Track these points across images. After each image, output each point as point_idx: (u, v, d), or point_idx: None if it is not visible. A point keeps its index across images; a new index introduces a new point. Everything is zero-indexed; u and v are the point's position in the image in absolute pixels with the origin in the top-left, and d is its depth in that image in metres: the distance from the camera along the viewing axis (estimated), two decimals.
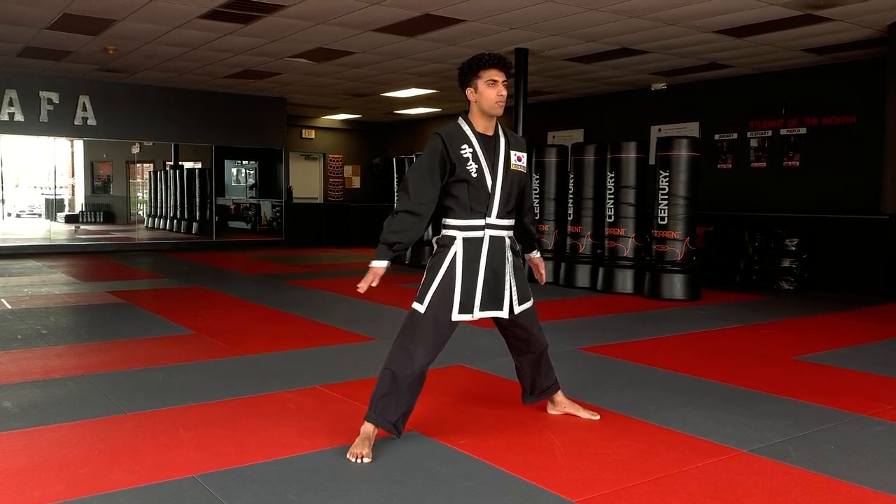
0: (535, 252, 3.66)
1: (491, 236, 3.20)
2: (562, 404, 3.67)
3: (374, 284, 3.12)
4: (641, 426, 3.55)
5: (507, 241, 3.28)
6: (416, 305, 3.17)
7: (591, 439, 3.35)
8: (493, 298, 3.23)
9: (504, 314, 3.27)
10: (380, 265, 3.11)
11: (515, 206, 3.31)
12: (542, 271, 3.65)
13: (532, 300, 3.42)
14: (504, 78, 3.18)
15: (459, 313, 3.16)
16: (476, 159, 3.15)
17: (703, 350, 5.46)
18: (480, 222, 3.18)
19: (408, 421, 3.22)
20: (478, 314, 3.20)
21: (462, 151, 3.13)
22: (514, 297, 3.31)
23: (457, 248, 3.17)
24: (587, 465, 3.04)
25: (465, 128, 3.20)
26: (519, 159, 3.27)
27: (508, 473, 2.93)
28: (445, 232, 3.22)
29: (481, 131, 3.21)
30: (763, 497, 2.73)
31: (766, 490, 2.79)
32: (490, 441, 3.30)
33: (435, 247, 3.25)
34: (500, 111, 3.18)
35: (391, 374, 3.11)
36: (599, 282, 8.75)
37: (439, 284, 3.15)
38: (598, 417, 3.61)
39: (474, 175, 3.13)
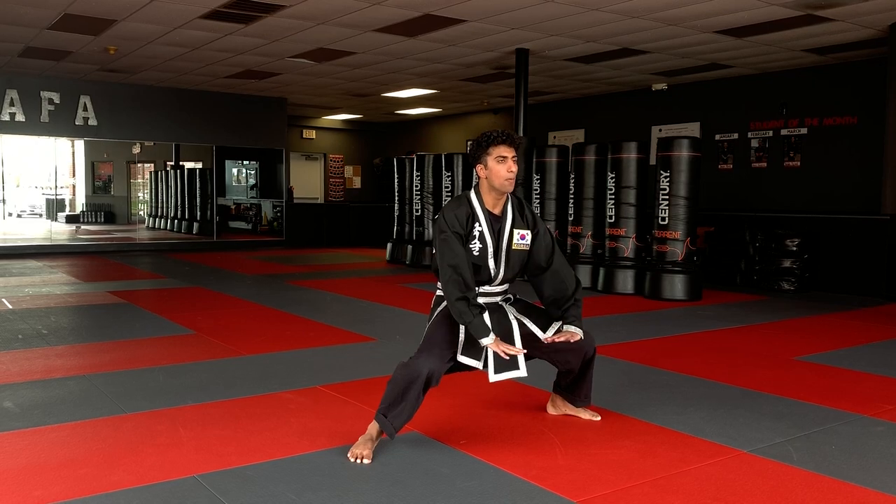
0: (572, 323, 3.32)
1: (486, 303, 3.29)
2: (563, 406, 3.67)
3: (509, 351, 3.10)
4: (642, 426, 3.55)
5: (499, 297, 3.38)
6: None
7: (592, 439, 3.34)
8: (503, 359, 3.19)
9: (521, 372, 3.21)
10: (489, 338, 3.08)
11: (519, 272, 3.37)
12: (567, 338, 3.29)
13: (557, 322, 3.35)
14: (514, 154, 3.20)
15: (462, 355, 3.19)
16: (482, 239, 3.22)
17: (704, 350, 5.46)
18: (475, 293, 3.21)
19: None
20: (493, 377, 3.17)
21: (473, 229, 3.22)
22: (536, 330, 3.30)
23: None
24: (587, 465, 3.04)
25: (476, 204, 3.25)
26: (522, 237, 3.29)
27: (509, 473, 2.93)
28: (440, 294, 3.29)
29: (489, 209, 3.25)
30: (764, 497, 2.73)
31: (767, 490, 2.79)
32: (490, 441, 3.30)
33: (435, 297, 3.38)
34: (510, 188, 3.21)
35: (400, 380, 3.13)
36: (600, 282, 8.74)
37: (437, 320, 3.27)
38: (598, 418, 3.61)
39: (476, 253, 3.21)
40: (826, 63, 10.51)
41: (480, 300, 3.26)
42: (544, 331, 3.31)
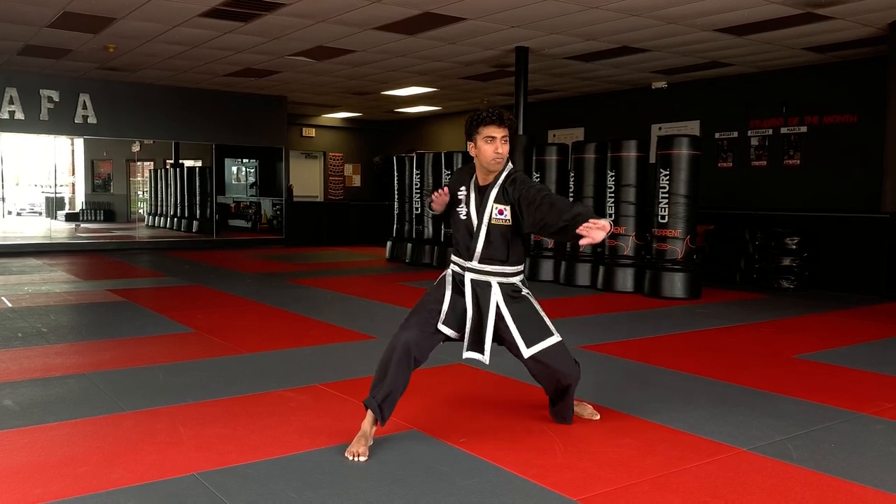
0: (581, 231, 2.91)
1: (472, 279, 3.30)
2: None
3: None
4: (642, 424, 3.55)
5: (497, 286, 3.29)
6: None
7: (592, 438, 3.35)
8: (476, 340, 3.28)
9: (485, 359, 3.27)
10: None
11: (510, 253, 3.30)
12: (593, 234, 2.85)
13: (552, 338, 3.28)
14: (503, 133, 3.22)
15: (443, 324, 3.26)
16: (468, 203, 3.33)
17: (704, 349, 5.46)
18: (465, 263, 3.32)
19: (408, 419, 3.22)
20: (465, 354, 3.29)
21: (459, 192, 3.36)
22: (519, 341, 3.26)
23: (448, 273, 3.39)
24: (587, 463, 3.04)
25: (471, 174, 3.37)
26: (500, 213, 3.25)
27: (509, 472, 2.93)
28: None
29: (480, 183, 3.33)
30: (763, 495, 2.73)
31: (767, 488, 2.79)
32: (490, 439, 3.30)
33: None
34: (497, 167, 3.25)
35: (381, 359, 3.22)
36: (600, 280, 8.74)
37: (432, 290, 3.37)
38: (598, 416, 3.61)
39: (462, 217, 3.34)
40: (826, 61, 10.51)
41: (469, 276, 3.30)
42: (529, 345, 3.25)
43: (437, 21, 8.71)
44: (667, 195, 8.07)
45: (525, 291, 3.37)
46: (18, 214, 17.20)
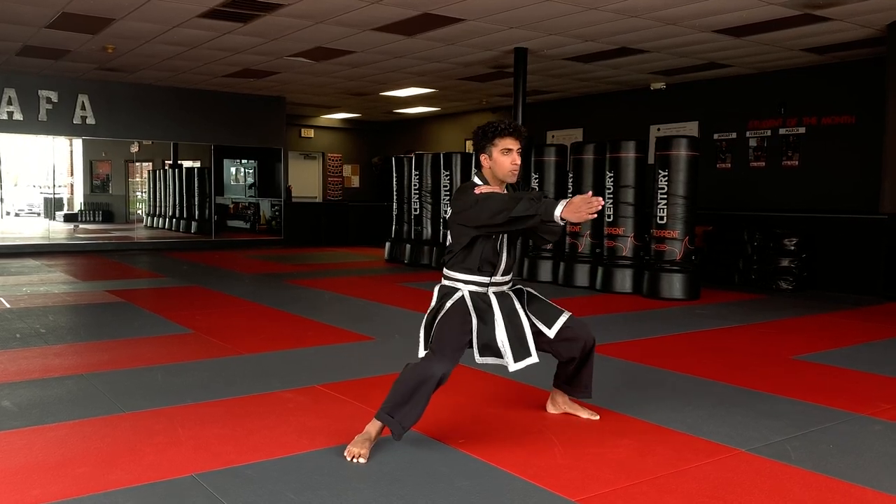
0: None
1: (494, 292, 3.28)
2: (562, 404, 3.69)
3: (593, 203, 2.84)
4: (640, 425, 3.55)
5: (510, 291, 3.36)
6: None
7: (590, 439, 3.35)
8: (520, 348, 3.23)
9: (535, 359, 3.26)
10: (562, 203, 2.91)
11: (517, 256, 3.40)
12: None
13: (564, 314, 3.39)
14: (519, 146, 3.22)
15: (480, 357, 3.22)
16: None
17: (702, 349, 5.46)
18: (488, 280, 3.26)
19: None
20: (514, 367, 3.21)
21: None
22: (542, 328, 3.33)
23: (464, 297, 3.22)
24: (586, 464, 3.04)
25: (489, 186, 3.26)
26: None
27: (507, 473, 2.93)
28: (449, 283, 3.28)
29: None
30: (762, 496, 2.73)
31: (765, 489, 2.80)
32: (489, 440, 3.30)
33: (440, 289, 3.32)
34: (513, 179, 3.24)
35: (410, 380, 3.12)
36: (598, 281, 8.75)
37: (456, 320, 3.22)
38: (597, 417, 3.61)
39: (493, 236, 3.21)
40: (824, 62, 10.52)
41: (492, 290, 3.26)
42: (549, 326, 3.34)
43: (436, 22, 8.71)
44: (665, 196, 8.07)
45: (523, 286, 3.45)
46: (17, 215, 17.18)
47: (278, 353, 5.13)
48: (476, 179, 3.29)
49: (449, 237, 3.33)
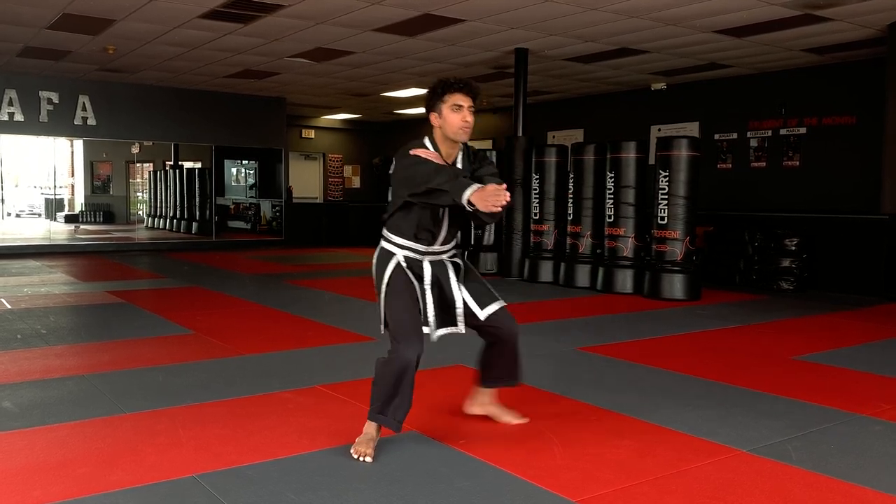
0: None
1: (430, 261, 3.18)
2: (486, 404, 3.56)
3: (501, 195, 2.75)
4: (640, 426, 3.55)
5: (448, 262, 3.23)
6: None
7: (590, 439, 3.35)
8: (445, 318, 3.20)
9: (461, 329, 3.21)
10: (472, 187, 2.80)
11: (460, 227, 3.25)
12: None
13: (498, 302, 3.27)
14: (470, 103, 3.08)
15: (426, 326, 3.18)
16: None
17: (703, 350, 5.46)
18: (425, 248, 3.15)
19: (407, 420, 3.22)
20: (437, 333, 3.19)
21: None
22: (474, 306, 3.22)
23: (399, 262, 3.14)
24: (586, 464, 3.04)
25: (431, 151, 3.12)
26: None
27: (507, 473, 2.93)
28: (387, 246, 3.17)
29: (442, 159, 3.11)
30: (762, 497, 2.73)
31: (766, 490, 2.80)
32: (489, 441, 3.30)
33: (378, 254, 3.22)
34: (465, 137, 3.10)
35: (389, 373, 3.07)
36: (599, 281, 8.75)
37: (399, 293, 3.14)
38: (524, 420, 3.47)
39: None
40: (825, 63, 10.52)
41: (428, 258, 3.15)
42: (481, 307, 3.22)
43: (437, 22, 8.71)
44: (666, 196, 8.07)
45: (464, 260, 3.33)
46: (18, 216, 17.21)
47: (279, 353, 5.13)
48: (426, 141, 3.15)
49: (390, 194, 3.21)
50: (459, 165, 3.17)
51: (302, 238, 15.63)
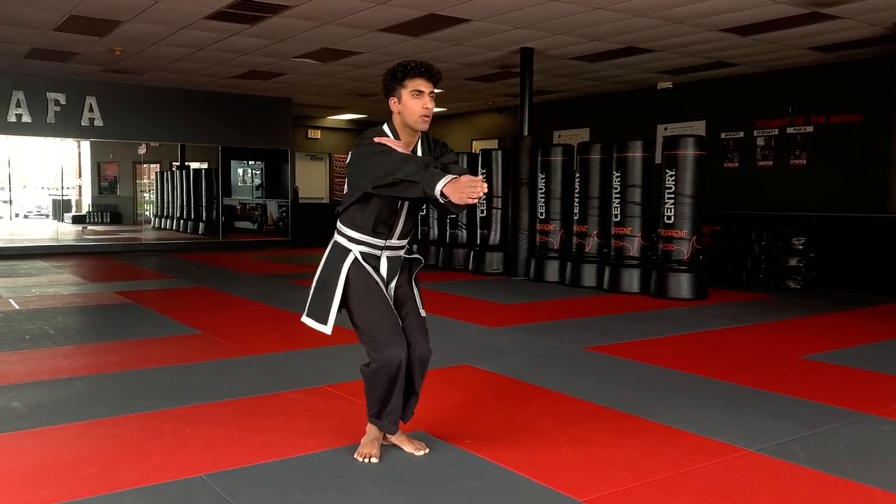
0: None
1: (388, 257, 3.02)
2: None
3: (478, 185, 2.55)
4: (648, 426, 3.54)
5: (402, 251, 3.08)
6: None
7: (597, 439, 3.34)
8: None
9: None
10: (446, 177, 2.61)
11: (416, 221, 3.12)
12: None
13: (419, 313, 3.11)
14: (431, 89, 2.92)
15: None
16: None
17: (710, 349, 5.45)
18: (381, 243, 2.98)
19: (413, 420, 3.22)
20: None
21: None
22: (419, 303, 3.11)
23: (357, 258, 2.96)
24: (593, 464, 3.03)
25: (392, 138, 2.95)
26: None
27: (514, 473, 2.93)
28: (341, 241, 3.01)
29: (403, 148, 2.92)
30: (770, 497, 2.72)
31: (774, 490, 2.79)
32: (495, 440, 3.30)
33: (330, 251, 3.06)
34: (424, 126, 2.92)
35: (379, 378, 2.94)
36: (605, 281, 8.73)
37: (365, 293, 2.99)
38: (424, 452, 3.12)
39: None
40: (832, 61, 10.47)
41: (386, 254, 2.99)
42: (423, 308, 3.11)
43: (442, 22, 8.71)
44: (673, 195, 8.05)
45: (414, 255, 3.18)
46: (25, 217, 17.28)
47: (285, 353, 5.14)
48: (385, 128, 2.98)
49: (346, 186, 3.02)
50: (420, 153, 2.99)
51: (308, 238, 15.65)
